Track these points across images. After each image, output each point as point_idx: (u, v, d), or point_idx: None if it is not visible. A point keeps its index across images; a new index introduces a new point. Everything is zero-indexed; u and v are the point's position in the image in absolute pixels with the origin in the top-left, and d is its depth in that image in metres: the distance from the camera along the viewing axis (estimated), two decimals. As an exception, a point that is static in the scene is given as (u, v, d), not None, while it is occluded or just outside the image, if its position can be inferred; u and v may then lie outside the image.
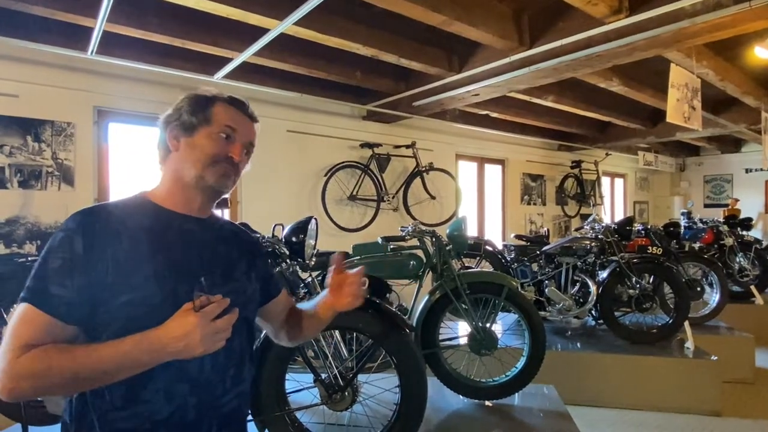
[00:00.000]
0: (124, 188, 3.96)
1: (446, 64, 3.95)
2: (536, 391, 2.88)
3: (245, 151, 1.10)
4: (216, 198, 1.10)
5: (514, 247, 4.28)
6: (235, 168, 1.07)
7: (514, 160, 7.26)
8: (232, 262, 1.12)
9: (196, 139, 1.04)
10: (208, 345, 0.87)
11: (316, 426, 2.09)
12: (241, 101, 1.12)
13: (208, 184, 1.03)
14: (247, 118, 1.12)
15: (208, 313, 0.87)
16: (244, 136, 1.09)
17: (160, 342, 0.85)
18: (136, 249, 0.95)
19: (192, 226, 1.06)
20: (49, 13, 2.86)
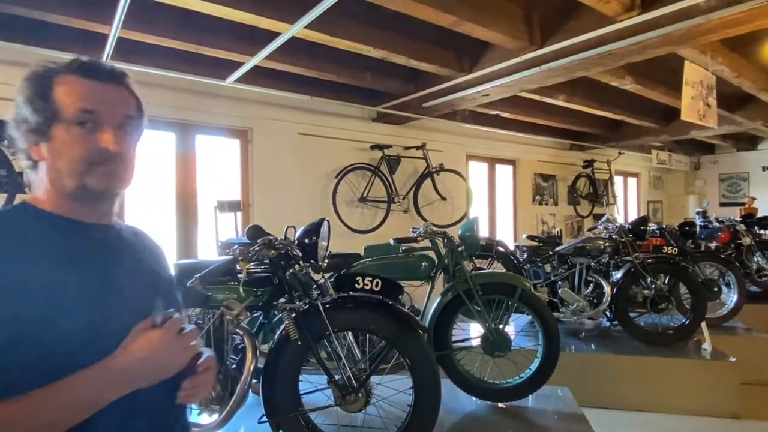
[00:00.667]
0: (137, 191, 4.01)
1: (456, 65, 3.94)
2: (550, 393, 2.86)
3: (124, 130, 0.85)
4: (113, 199, 0.90)
5: (527, 248, 4.26)
6: (119, 158, 0.84)
7: (525, 160, 7.21)
8: (155, 273, 0.98)
9: (55, 143, 0.82)
10: (177, 361, 0.79)
11: (329, 427, 2.10)
12: (88, 63, 0.86)
13: (95, 191, 0.84)
14: (106, 83, 0.86)
15: (173, 325, 0.79)
16: (110, 112, 0.84)
17: (126, 370, 0.74)
18: (53, 271, 0.77)
19: (104, 237, 0.89)
20: (65, 21, 2.92)
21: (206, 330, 2.04)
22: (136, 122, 0.90)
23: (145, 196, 4.05)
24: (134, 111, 0.90)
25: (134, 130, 0.90)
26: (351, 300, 2.02)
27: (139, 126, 0.93)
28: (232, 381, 2.04)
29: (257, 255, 1.97)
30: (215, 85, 4.01)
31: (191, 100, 4.12)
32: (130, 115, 0.88)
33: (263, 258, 2.04)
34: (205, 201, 4.29)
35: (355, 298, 2.03)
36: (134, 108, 0.90)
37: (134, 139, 0.91)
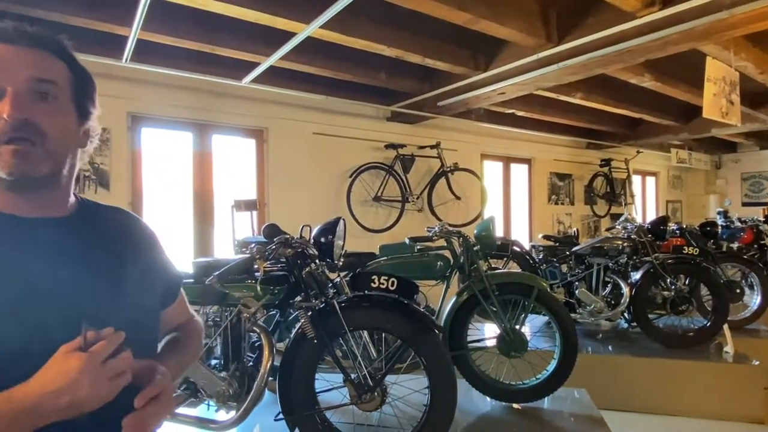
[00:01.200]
0: (155, 190, 4.07)
1: (471, 63, 3.91)
2: (567, 395, 2.82)
3: (34, 94, 0.72)
4: (45, 185, 0.76)
5: (543, 248, 4.21)
6: (28, 131, 0.70)
7: (540, 159, 7.14)
8: (123, 265, 0.82)
9: None
10: (101, 396, 0.64)
11: (345, 426, 2.10)
12: (3, 29, 0.73)
13: (5, 177, 0.71)
14: (16, 46, 0.72)
15: (97, 353, 0.63)
16: (16, 76, 0.70)
17: (32, 402, 0.61)
18: None
19: (49, 232, 0.76)
20: (85, 23, 2.98)
21: (223, 327, 2.06)
22: (59, 90, 0.75)
23: (164, 195, 4.11)
24: (54, 76, 0.74)
25: (62, 101, 0.76)
26: (367, 299, 2.02)
27: (72, 98, 0.78)
28: (249, 378, 2.06)
29: (274, 253, 1.98)
30: (231, 86, 4.05)
31: (208, 100, 4.17)
32: (43, 79, 0.72)
33: (280, 256, 2.05)
34: (222, 200, 4.33)
35: (370, 297, 2.03)
36: (56, 74, 0.75)
37: (57, 112, 0.75)
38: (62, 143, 0.75)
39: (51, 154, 0.73)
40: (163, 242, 0.99)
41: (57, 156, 0.75)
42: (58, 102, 0.75)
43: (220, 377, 2.01)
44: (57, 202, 0.80)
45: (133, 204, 3.88)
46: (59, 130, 0.74)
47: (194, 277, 2.16)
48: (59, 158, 0.76)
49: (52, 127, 0.73)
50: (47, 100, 0.73)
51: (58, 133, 0.74)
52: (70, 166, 0.80)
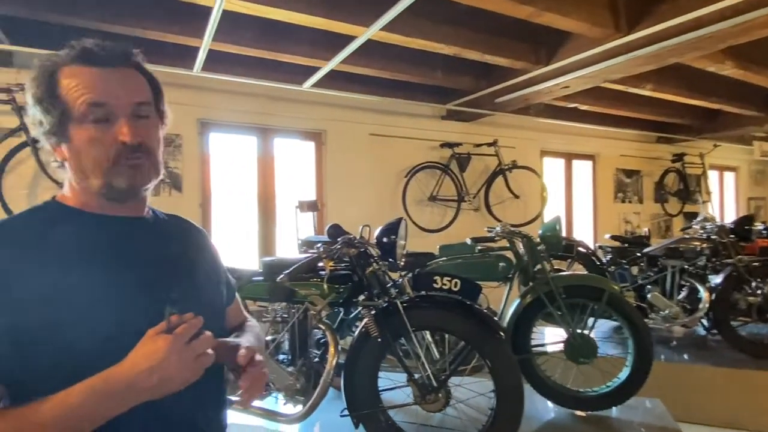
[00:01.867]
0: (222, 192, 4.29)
1: (533, 57, 3.79)
2: (638, 405, 2.67)
3: (140, 118, 0.79)
4: (142, 190, 0.84)
5: (611, 249, 4.00)
6: (141, 149, 0.78)
7: (606, 155, 6.78)
8: (192, 265, 0.90)
9: (74, 143, 0.77)
10: (188, 374, 0.69)
11: (408, 425, 2.10)
12: (89, 48, 0.78)
13: (122, 189, 0.78)
14: (111, 67, 0.78)
15: (181, 334, 0.68)
16: (121, 101, 0.77)
17: (126, 381, 0.66)
18: (69, 270, 0.73)
19: (132, 229, 0.84)
20: (161, 37, 3.19)
21: (291, 324, 2.14)
22: (150, 107, 0.82)
23: (230, 197, 4.33)
24: (148, 94, 0.83)
25: (153, 116, 0.83)
26: (430, 299, 2.02)
27: (158, 110, 0.85)
28: (315, 374, 2.12)
29: (338, 253, 2.03)
30: (291, 90, 4.19)
31: (270, 105, 4.34)
32: (144, 102, 0.81)
33: (344, 256, 2.10)
34: (283, 201, 4.49)
35: (434, 298, 2.02)
36: (148, 91, 0.83)
37: (154, 126, 0.83)
38: (156, 156, 0.84)
39: (154, 165, 0.83)
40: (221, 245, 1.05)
41: (158, 166, 0.84)
42: (151, 118, 0.83)
43: (288, 372, 2.08)
44: (139, 204, 0.87)
45: (202, 205, 4.12)
46: (157, 143, 0.84)
47: (263, 275, 2.25)
48: (159, 167, 0.85)
49: (153, 143, 0.82)
50: (146, 119, 0.82)
51: (156, 146, 0.84)
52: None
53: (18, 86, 3.13)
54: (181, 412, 0.79)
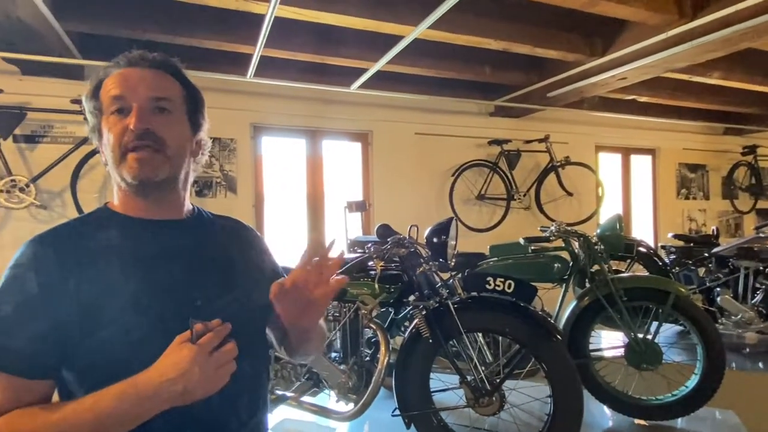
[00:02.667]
0: (274, 193, 4.43)
1: (587, 49, 3.63)
2: (708, 416, 2.50)
3: (153, 109, 0.82)
4: (165, 189, 0.86)
5: (675, 249, 3.76)
6: (148, 139, 0.80)
7: (667, 148, 6.38)
8: (232, 265, 0.92)
9: (103, 137, 0.84)
10: (210, 385, 0.71)
11: (460, 428, 2.07)
12: (130, 56, 0.85)
13: (132, 181, 0.81)
14: (141, 68, 0.84)
15: (204, 345, 0.70)
16: (138, 93, 0.81)
17: (152, 389, 0.69)
18: (106, 274, 0.77)
19: (169, 233, 0.87)
20: (217, 45, 3.34)
21: (342, 323, 2.17)
22: (174, 105, 0.85)
23: (281, 198, 4.46)
24: (169, 93, 0.85)
25: (176, 114, 0.85)
26: (482, 301, 1.98)
27: (185, 111, 0.88)
28: (366, 373, 2.13)
29: (389, 253, 2.03)
30: (339, 93, 4.25)
31: (318, 108, 4.42)
32: (160, 97, 0.83)
33: (394, 256, 2.10)
34: (331, 201, 4.57)
35: (486, 299, 1.98)
36: (171, 91, 0.86)
37: (173, 123, 0.85)
38: (178, 150, 0.85)
39: (169, 158, 0.84)
40: (273, 247, 1.06)
41: (174, 161, 0.85)
42: (174, 115, 0.85)
43: (340, 370, 2.11)
44: (174, 205, 0.90)
45: (256, 206, 4.26)
46: (175, 139, 0.85)
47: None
48: (176, 163, 0.86)
49: (169, 136, 0.83)
50: (164, 113, 0.84)
51: (174, 140, 0.84)
52: (185, 173, 0.90)
53: (90, 97, 3.37)
54: (212, 415, 0.81)
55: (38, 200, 3.32)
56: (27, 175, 3.32)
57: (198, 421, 0.79)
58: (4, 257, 3.36)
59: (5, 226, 3.39)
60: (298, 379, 2.22)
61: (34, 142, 3.47)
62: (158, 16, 3.09)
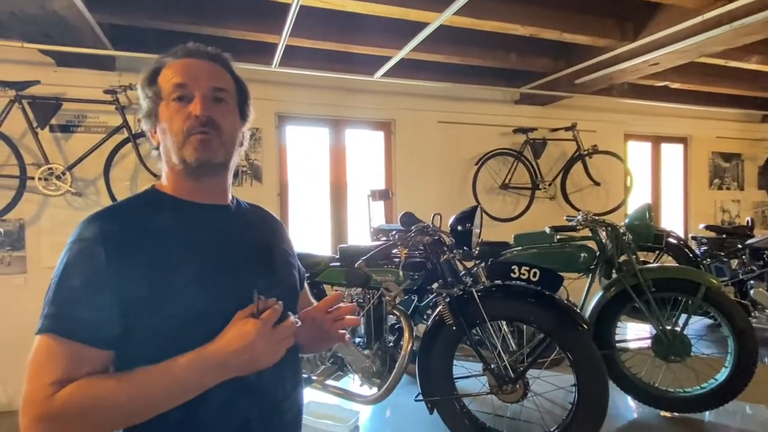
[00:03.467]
0: (298, 182, 4.48)
1: (618, 34, 3.52)
2: (738, 410, 2.45)
3: (213, 98, 0.88)
4: (218, 173, 0.92)
5: (706, 240, 3.66)
6: (209, 126, 0.86)
7: (700, 137, 6.16)
8: (271, 250, 0.99)
9: (161, 121, 0.88)
10: (272, 356, 0.78)
11: (483, 415, 2.09)
12: (187, 47, 0.91)
13: (191, 163, 0.86)
14: (199, 60, 0.90)
15: (267, 319, 0.76)
16: (200, 83, 0.87)
17: (220, 359, 0.74)
18: (168, 252, 0.81)
19: (219, 216, 0.93)
20: (242, 35, 3.37)
21: (367, 309, 2.20)
22: (229, 96, 0.91)
23: (304, 187, 4.51)
24: (226, 85, 0.91)
25: (231, 104, 0.92)
26: (506, 289, 1.97)
27: (236, 102, 0.94)
28: (390, 358, 2.16)
29: (413, 241, 2.04)
30: (362, 82, 4.24)
31: (342, 97, 4.43)
32: (219, 88, 0.89)
33: (418, 244, 2.11)
34: (354, 190, 4.60)
35: (511, 288, 1.98)
36: (227, 83, 0.92)
37: (228, 113, 0.91)
38: (231, 137, 0.92)
39: (225, 144, 0.90)
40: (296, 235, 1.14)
41: (228, 147, 0.91)
42: (228, 105, 0.92)
43: (364, 354, 2.15)
44: (221, 191, 0.95)
45: (280, 195, 4.32)
46: (230, 127, 0.91)
47: (340, 261, 2.33)
48: (229, 149, 0.92)
49: (225, 124, 0.89)
50: (222, 104, 0.90)
51: (229, 128, 0.91)
52: (234, 161, 0.96)
53: (121, 88, 3.47)
54: (263, 386, 0.87)
55: (74, 188, 3.45)
56: (63, 164, 3.44)
57: (251, 391, 0.85)
58: (42, 242, 3.52)
59: (44, 212, 3.53)
60: (323, 363, 2.27)
61: (69, 132, 3.59)
62: (185, 6, 3.14)
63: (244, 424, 0.85)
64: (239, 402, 0.84)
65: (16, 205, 3.32)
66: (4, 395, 3.43)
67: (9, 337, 2.94)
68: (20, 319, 2.39)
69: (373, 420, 2.38)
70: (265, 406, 0.88)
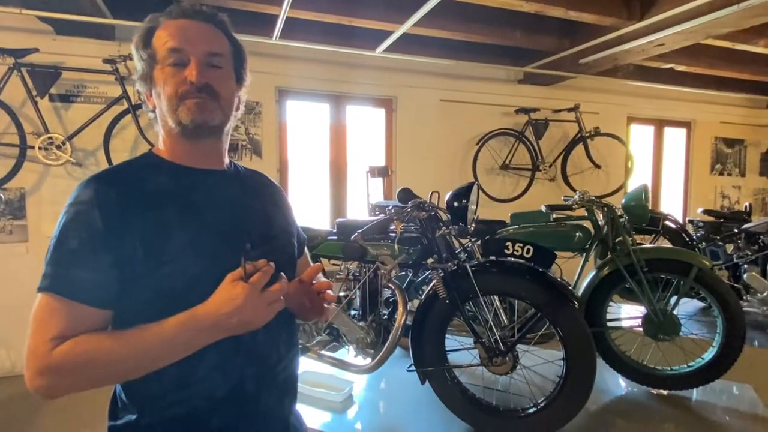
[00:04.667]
0: (298, 157, 4.48)
1: (624, 13, 3.47)
2: (725, 389, 2.50)
3: (209, 63, 0.88)
4: (214, 135, 0.92)
5: (703, 224, 3.68)
6: (205, 91, 0.86)
7: (703, 121, 6.12)
8: (268, 215, 1.00)
9: (157, 85, 0.88)
10: (261, 318, 0.79)
11: (473, 387, 2.14)
12: (182, 7, 0.89)
13: (187, 125, 0.86)
14: (195, 21, 0.89)
15: (256, 282, 0.78)
16: (196, 47, 0.86)
17: (210, 320, 0.77)
18: (164, 215, 0.82)
19: (215, 180, 0.93)
20: (241, 6, 3.32)
21: (362, 282, 2.23)
22: (225, 60, 0.91)
23: (304, 162, 4.51)
24: (222, 49, 0.90)
25: (227, 69, 0.91)
26: (500, 264, 2.00)
27: (233, 67, 0.93)
28: (384, 330, 2.21)
29: (409, 216, 2.06)
30: (364, 56, 4.20)
31: (343, 72, 4.39)
32: (216, 53, 0.88)
33: (414, 219, 2.13)
34: (354, 166, 4.60)
35: (504, 263, 2.00)
36: (223, 47, 0.91)
37: (225, 77, 0.91)
38: (228, 102, 0.92)
39: (221, 108, 0.90)
40: (297, 208, 1.15)
41: (224, 111, 0.91)
42: (225, 69, 0.91)
43: (359, 326, 2.19)
44: (218, 155, 0.96)
45: (280, 170, 4.33)
46: (226, 91, 0.91)
47: (337, 234, 2.35)
48: (226, 113, 0.92)
49: (222, 88, 0.89)
50: (218, 68, 0.89)
51: (225, 93, 0.90)
52: (229, 125, 0.96)
53: (120, 58, 3.44)
54: (257, 347, 0.90)
55: (74, 158, 3.46)
56: (63, 134, 3.45)
57: (245, 351, 0.88)
58: (43, 212, 3.55)
59: (44, 182, 3.55)
60: (319, 334, 2.32)
61: (69, 102, 3.58)
62: (186, -25, 3.09)
63: (238, 383, 0.88)
64: (234, 361, 0.87)
65: (16, 174, 3.34)
66: (8, 360, 3.51)
67: (12, 306, 3.00)
68: (22, 287, 2.42)
69: (368, 390, 2.44)
70: (259, 367, 0.91)
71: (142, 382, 0.80)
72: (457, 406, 2.03)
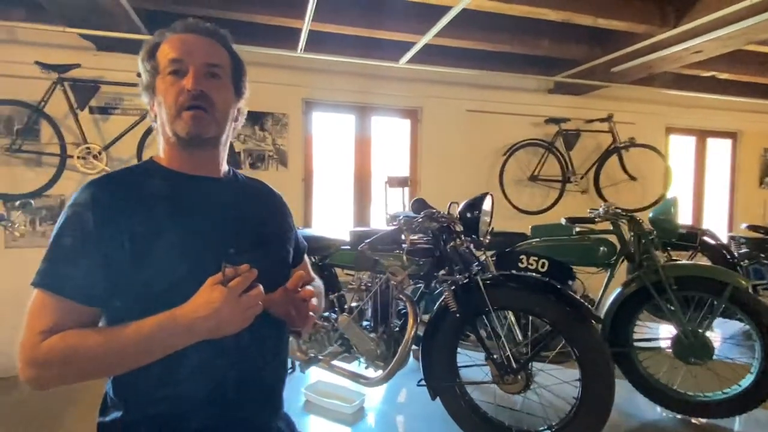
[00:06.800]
0: (323, 168, 4.52)
1: (658, 19, 3.32)
2: (762, 418, 2.31)
3: (207, 73, 0.91)
4: (209, 146, 0.95)
5: (746, 240, 3.43)
6: (202, 99, 0.89)
7: (750, 132, 5.76)
8: (262, 223, 1.02)
9: (158, 95, 0.92)
10: (237, 323, 0.80)
11: (485, 405, 2.06)
12: (186, 22, 0.94)
13: (183, 137, 0.89)
14: (196, 35, 0.93)
15: (234, 287, 0.79)
16: (195, 58, 0.90)
17: (187, 322, 0.78)
18: (154, 219, 0.86)
19: (209, 188, 0.96)
20: (267, 20, 3.41)
21: (373, 292, 2.21)
22: (224, 72, 0.94)
23: (329, 172, 4.55)
24: (221, 61, 0.93)
25: (225, 80, 0.94)
26: (513, 278, 1.93)
27: (231, 79, 0.96)
28: (395, 342, 2.17)
29: (420, 226, 2.03)
30: (389, 68, 4.21)
31: (368, 83, 4.42)
32: (214, 64, 0.91)
33: (426, 230, 2.09)
34: (378, 177, 4.60)
35: (518, 277, 1.93)
36: (222, 59, 0.94)
37: (222, 88, 0.93)
38: (224, 113, 0.95)
39: (217, 120, 0.93)
40: (294, 213, 1.16)
41: (220, 122, 0.94)
42: (222, 81, 0.94)
43: (370, 337, 2.16)
44: (214, 164, 0.98)
45: (305, 180, 4.39)
46: (223, 103, 0.94)
47: (350, 244, 2.34)
48: (222, 124, 0.95)
49: (218, 99, 0.92)
50: (216, 79, 0.92)
51: (222, 104, 0.93)
52: (226, 136, 0.99)
53: (155, 72, 3.59)
54: (240, 351, 0.91)
55: (109, 167, 3.63)
56: (100, 144, 3.63)
57: (228, 354, 0.89)
58: (81, 218, 3.72)
59: (82, 189, 3.73)
60: (331, 344, 2.30)
61: (107, 114, 3.77)
62: (215, -8, 3.21)
63: (218, 385, 0.89)
64: (215, 363, 0.88)
65: (56, 182, 3.53)
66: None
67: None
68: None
69: (381, 403, 2.40)
70: (241, 371, 0.91)
71: (128, 380, 0.83)
72: (467, 424, 1.96)
